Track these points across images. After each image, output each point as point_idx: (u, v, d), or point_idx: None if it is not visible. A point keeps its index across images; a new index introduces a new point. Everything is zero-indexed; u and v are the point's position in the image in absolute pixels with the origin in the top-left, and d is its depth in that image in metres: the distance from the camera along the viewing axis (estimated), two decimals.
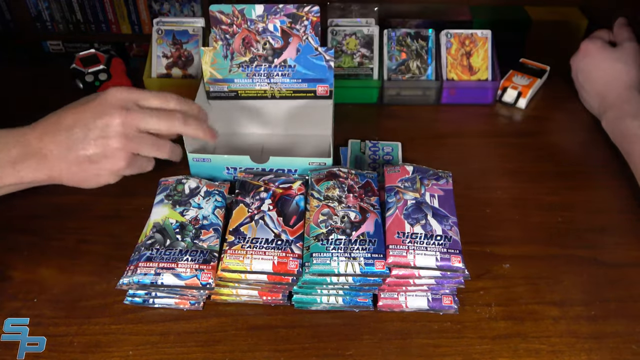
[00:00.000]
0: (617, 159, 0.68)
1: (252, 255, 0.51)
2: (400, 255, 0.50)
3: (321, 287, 0.52)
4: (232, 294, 0.53)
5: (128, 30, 1.96)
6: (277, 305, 0.53)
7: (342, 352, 0.50)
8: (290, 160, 0.62)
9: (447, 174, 0.58)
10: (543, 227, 0.62)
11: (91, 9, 1.92)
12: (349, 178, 0.58)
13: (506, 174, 0.69)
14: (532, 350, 0.50)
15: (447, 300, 0.53)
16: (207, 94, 0.69)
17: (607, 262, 0.58)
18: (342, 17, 0.81)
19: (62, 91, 0.80)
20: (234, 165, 0.63)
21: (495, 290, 0.55)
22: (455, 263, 0.50)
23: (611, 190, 0.66)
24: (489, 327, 0.52)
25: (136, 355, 0.49)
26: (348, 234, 0.52)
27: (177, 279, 0.50)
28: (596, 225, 0.62)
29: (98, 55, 0.80)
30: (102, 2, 1.90)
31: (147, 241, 0.53)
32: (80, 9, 1.92)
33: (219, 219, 0.55)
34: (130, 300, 0.53)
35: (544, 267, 0.57)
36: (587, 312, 0.53)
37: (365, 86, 0.78)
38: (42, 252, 0.58)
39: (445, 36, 0.79)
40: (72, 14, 1.94)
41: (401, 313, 0.53)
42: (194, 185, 0.58)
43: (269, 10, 0.64)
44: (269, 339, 0.51)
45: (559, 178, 0.68)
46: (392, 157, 0.69)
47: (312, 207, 0.55)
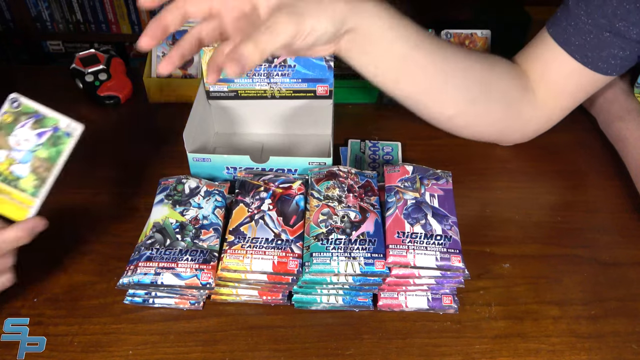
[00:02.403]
0: (616, 159, 0.68)
1: (252, 255, 0.51)
2: (400, 255, 0.50)
3: (321, 287, 0.52)
4: (232, 293, 0.53)
5: (128, 30, 1.96)
6: (277, 305, 0.53)
7: (342, 351, 0.50)
8: (290, 160, 0.62)
9: (447, 174, 0.58)
10: (543, 227, 0.62)
11: (91, 9, 1.92)
12: (349, 178, 0.58)
13: (506, 174, 0.69)
14: (532, 350, 0.50)
15: (447, 300, 0.53)
16: (207, 93, 0.69)
17: (607, 261, 0.58)
18: None
19: (62, 91, 0.81)
20: (234, 165, 0.63)
21: (495, 290, 0.55)
22: (455, 263, 0.50)
23: (611, 190, 0.66)
24: (488, 326, 0.52)
25: (136, 354, 0.49)
26: (348, 234, 0.52)
27: (177, 278, 0.50)
28: (596, 225, 0.62)
29: (98, 55, 0.80)
30: (102, 2, 1.90)
31: (147, 241, 0.53)
32: (80, 9, 1.93)
33: (219, 218, 0.55)
34: (130, 300, 0.53)
35: (544, 267, 0.58)
36: (587, 311, 0.53)
37: (365, 86, 0.78)
38: (42, 252, 0.58)
39: (445, 36, 0.79)
40: (72, 14, 1.94)
41: (401, 313, 0.53)
42: (194, 185, 0.58)
43: None
44: (269, 339, 0.51)
45: (558, 178, 0.68)
46: (392, 157, 0.69)
47: (312, 207, 0.55)
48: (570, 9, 0.58)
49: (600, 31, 0.57)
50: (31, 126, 0.49)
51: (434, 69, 0.58)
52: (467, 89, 0.61)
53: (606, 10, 0.55)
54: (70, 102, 0.79)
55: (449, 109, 0.62)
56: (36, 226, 0.48)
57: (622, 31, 0.55)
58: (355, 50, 0.54)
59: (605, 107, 0.71)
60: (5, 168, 0.48)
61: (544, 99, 0.64)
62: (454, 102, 0.62)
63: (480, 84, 0.61)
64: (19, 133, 0.49)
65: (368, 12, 0.52)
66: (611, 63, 0.59)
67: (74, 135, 0.49)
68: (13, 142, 0.48)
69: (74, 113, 0.49)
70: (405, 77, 0.58)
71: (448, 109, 0.62)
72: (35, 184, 0.48)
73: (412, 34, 0.56)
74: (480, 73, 0.61)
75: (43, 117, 0.49)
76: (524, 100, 0.63)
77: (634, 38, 0.56)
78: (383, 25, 0.53)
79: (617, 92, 0.70)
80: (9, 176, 0.48)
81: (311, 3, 0.48)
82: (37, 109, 0.49)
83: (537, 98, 0.63)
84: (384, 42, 0.54)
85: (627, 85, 0.71)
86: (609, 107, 0.70)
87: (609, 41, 0.57)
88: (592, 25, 0.57)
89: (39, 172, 0.48)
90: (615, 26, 0.55)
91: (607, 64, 0.59)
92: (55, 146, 0.49)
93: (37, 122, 0.49)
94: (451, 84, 0.60)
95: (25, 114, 0.49)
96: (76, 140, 0.49)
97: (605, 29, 0.56)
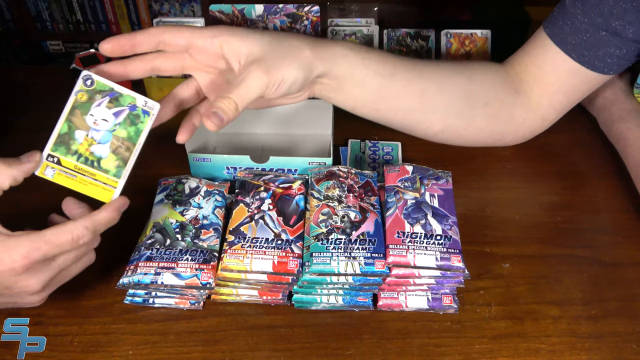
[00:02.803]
0: (616, 159, 0.68)
1: (252, 255, 0.51)
2: (400, 254, 0.50)
3: (321, 287, 0.52)
4: (232, 293, 0.53)
5: (128, 30, 1.96)
6: (277, 305, 0.53)
7: (342, 351, 0.50)
8: (290, 160, 0.62)
9: (447, 173, 0.58)
10: (543, 227, 0.62)
11: (91, 9, 1.92)
12: (349, 178, 0.58)
13: (506, 174, 0.69)
14: (532, 350, 0.50)
15: (447, 300, 0.53)
16: None
17: (607, 261, 0.58)
18: (342, 17, 0.81)
19: (62, 91, 0.81)
20: (234, 165, 0.63)
21: (495, 290, 0.55)
22: (455, 263, 0.50)
23: (611, 190, 0.66)
24: (488, 326, 0.52)
25: (136, 354, 0.49)
26: (348, 234, 0.52)
27: (177, 278, 0.50)
28: (596, 225, 0.62)
29: (98, 55, 0.80)
30: (102, 2, 1.90)
31: (147, 241, 0.53)
32: (80, 9, 1.93)
33: (219, 218, 0.55)
34: (130, 300, 0.53)
35: (544, 267, 0.58)
36: (587, 311, 0.53)
37: None
38: None
39: (445, 36, 0.79)
40: (72, 14, 1.94)
41: (401, 313, 0.53)
42: (194, 185, 0.58)
43: (269, 10, 0.65)
44: (269, 339, 0.51)
45: (558, 178, 0.68)
46: (392, 157, 0.69)
47: (312, 207, 0.55)
48: (566, 8, 0.58)
49: (596, 30, 0.57)
50: (107, 105, 0.47)
51: (412, 92, 0.59)
52: (449, 104, 0.62)
53: (602, 9, 0.55)
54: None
55: (435, 126, 0.64)
56: (123, 205, 0.48)
57: (618, 30, 0.56)
58: (330, 91, 0.57)
59: (605, 107, 0.71)
60: (86, 149, 0.47)
61: (538, 101, 0.64)
62: (438, 118, 0.63)
63: (462, 97, 0.62)
64: (95, 112, 0.47)
65: (334, 55, 0.54)
66: (608, 62, 0.59)
67: (152, 113, 0.48)
68: (90, 122, 0.47)
69: None
70: (385, 105, 0.60)
71: (434, 126, 0.64)
72: (117, 164, 0.47)
73: (385, 64, 0.57)
74: (461, 86, 0.62)
75: (119, 95, 0.47)
76: (516, 103, 0.64)
77: (631, 37, 0.56)
78: (351, 65, 0.55)
79: (617, 92, 0.70)
80: (90, 157, 0.47)
81: (279, 55, 0.50)
82: (111, 87, 0.47)
83: (531, 100, 0.64)
84: (356, 80, 0.56)
85: (626, 86, 0.71)
86: (609, 107, 0.70)
87: (606, 40, 0.57)
88: (588, 24, 0.57)
89: (119, 152, 0.47)
90: (611, 25, 0.56)
91: (603, 62, 0.59)
92: (134, 125, 0.48)
93: (112, 100, 0.47)
94: (432, 102, 0.61)
95: (100, 92, 0.47)
96: (154, 119, 0.48)
97: (601, 27, 0.56)
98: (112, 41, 0.47)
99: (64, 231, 0.44)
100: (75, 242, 0.44)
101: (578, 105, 0.66)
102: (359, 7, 0.85)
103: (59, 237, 0.44)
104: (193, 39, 0.50)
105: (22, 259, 0.42)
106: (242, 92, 0.48)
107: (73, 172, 0.47)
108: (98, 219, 0.46)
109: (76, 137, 0.47)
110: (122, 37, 0.48)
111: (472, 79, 0.63)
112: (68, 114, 0.47)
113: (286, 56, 0.51)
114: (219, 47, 0.50)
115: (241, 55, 0.50)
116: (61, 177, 0.47)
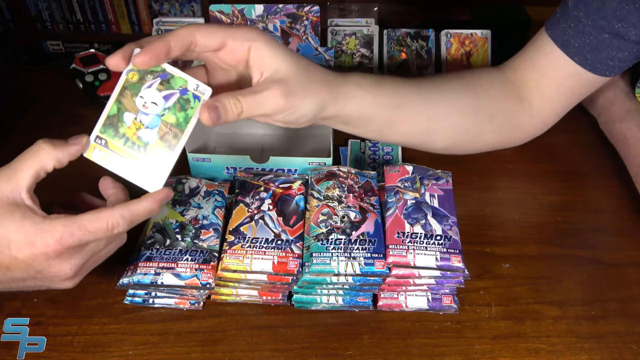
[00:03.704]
0: (616, 159, 0.68)
1: (252, 255, 0.51)
2: (400, 255, 0.50)
3: (321, 287, 0.52)
4: (232, 293, 0.53)
5: (128, 30, 1.96)
6: (277, 305, 0.53)
7: (342, 352, 0.50)
8: (290, 160, 0.62)
9: (447, 174, 0.58)
10: (543, 227, 0.62)
11: (91, 9, 1.92)
12: (348, 178, 0.58)
13: (506, 174, 0.69)
14: (532, 350, 0.50)
15: (447, 300, 0.53)
16: None
17: (607, 262, 0.58)
18: (342, 17, 0.81)
19: (62, 91, 0.81)
20: (234, 165, 0.63)
21: (495, 290, 0.55)
22: (455, 263, 0.50)
23: (611, 190, 0.66)
24: (488, 326, 0.52)
25: (136, 355, 0.49)
26: (348, 234, 0.52)
27: (177, 278, 0.50)
28: (596, 225, 0.62)
29: (98, 55, 0.80)
30: (102, 2, 1.90)
31: (147, 241, 0.53)
32: (80, 9, 1.93)
33: (218, 218, 0.55)
34: (130, 300, 0.53)
35: (544, 267, 0.58)
36: (587, 312, 0.53)
37: None
38: None
39: (445, 36, 0.79)
40: (72, 14, 1.94)
41: (401, 313, 0.53)
42: (194, 185, 0.58)
43: (269, 10, 0.65)
44: (269, 339, 0.51)
45: (558, 178, 0.68)
46: (392, 157, 0.69)
47: (312, 207, 0.55)
48: (569, 10, 0.58)
49: (599, 33, 0.57)
50: (158, 87, 0.44)
51: (420, 118, 0.59)
52: (457, 123, 0.61)
53: (606, 12, 0.55)
54: (70, 102, 0.79)
55: (440, 143, 0.63)
56: (167, 197, 0.45)
57: (621, 32, 0.55)
58: (334, 125, 0.55)
59: (606, 108, 0.71)
60: (133, 133, 0.44)
61: (540, 105, 0.63)
62: (444, 138, 0.62)
63: (470, 114, 0.61)
64: (145, 94, 0.44)
65: (345, 95, 0.52)
66: (609, 65, 0.59)
67: (202, 98, 0.45)
68: (140, 105, 0.44)
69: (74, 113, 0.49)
70: (390, 131, 0.59)
71: (440, 143, 0.63)
72: (163, 152, 0.45)
73: (394, 96, 0.56)
74: (468, 102, 0.61)
75: (170, 77, 0.45)
76: (520, 111, 0.63)
77: (633, 39, 0.56)
78: (362, 105, 0.54)
79: (617, 93, 0.70)
80: (137, 142, 0.45)
81: (303, 84, 0.48)
82: (163, 67, 0.45)
83: (533, 106, 0.63)
84: (363, 117, 0.55)
85: (627, 86, 0.71)
86: (610, 107, 0.70)
87: (608, 43, 0.57)
88: (591, 26, 0.57)
89: (167, 139, 0.45)
90: (614, 27, 0.55)
91: (605, 65, 0.59)
92: (183, 110, 0.45)
93: (163, 82, 0.45)
94: (439, 125, 0.60)
95: (151, 73, 0.44)
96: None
97: (604, 30, 0.56)
98: (147, 53, 0.43)
99: (99, 218, 0.42)
100: (110, 231, 0.43)
101: (579, 106, 0.66)
102: (359, 7, 0.85)
103: (94, 224, 0.42)
104: (226, 40, 0.46)
105: (55, 244, 0.41)
106: (254, 103, 0.45)
107: (120, 156, 0.45)
108: (137, 209, 0.44)
109: (124, 119, 0.44)
110: (155, 46, 0.43)
111: (478, 94, 0.62)
112: (118, 94, 0.45)
113: (307, 87, 0.48)
114: (247, 50, 0.46)
115: (266, 69, 0.47)
116: (108, 161, 0.45)
